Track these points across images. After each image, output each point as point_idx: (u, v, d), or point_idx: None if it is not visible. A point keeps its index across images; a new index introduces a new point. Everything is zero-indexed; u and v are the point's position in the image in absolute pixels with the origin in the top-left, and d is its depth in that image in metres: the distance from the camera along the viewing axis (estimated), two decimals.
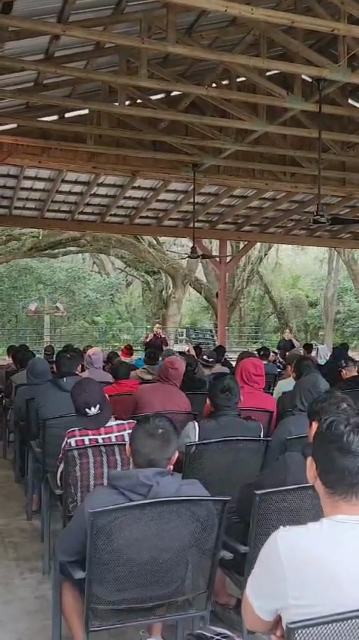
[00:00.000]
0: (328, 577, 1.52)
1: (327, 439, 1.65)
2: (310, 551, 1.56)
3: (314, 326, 36.21)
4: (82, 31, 6.13)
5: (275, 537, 1.61)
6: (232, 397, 3.71)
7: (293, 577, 1.54)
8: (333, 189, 11.90)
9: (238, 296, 30.86)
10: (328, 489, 1.65)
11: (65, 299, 32.37)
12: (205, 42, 8.42)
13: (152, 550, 2.38)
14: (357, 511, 1.62)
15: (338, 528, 1.60)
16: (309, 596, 1.52)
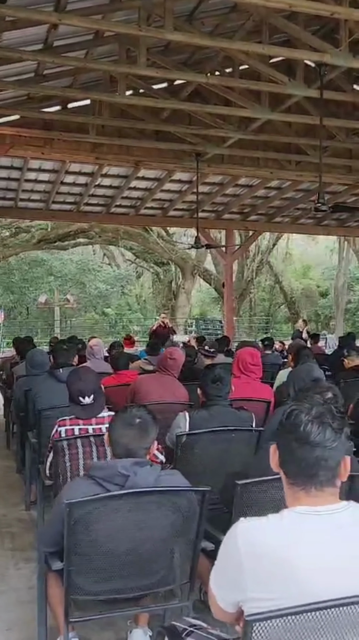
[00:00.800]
0: (287, 570, 1.49)
1: (286, 428, 1.62)
2: (269, 543, 1.53)
3: (326, 316, 36.06)
4: (77, 19, 6.08)
5: (234, 529, 1.58)
6: (223, 387, 3.68)
7: (252, 569, 1.51)
8: (339, 176, 11.78)
9: (248, 286, 30.77)
10: (289, 479, 1.62)
11: (75, 290, 32.47)
12: (206, 29, 8.34)
13: (132, 541, 2.36)
14: (317, 502, 1.59)
15: (297, 519, 1.57)
16: (268, 589, 1.49)
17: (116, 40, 7.75)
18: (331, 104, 9.96)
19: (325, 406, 1.69)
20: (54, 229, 23.52)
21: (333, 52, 6.56)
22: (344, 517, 1.59)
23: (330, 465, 1.59)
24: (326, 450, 1.58)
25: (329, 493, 1.61)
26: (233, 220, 14.46)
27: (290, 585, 1.48)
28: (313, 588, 1.47)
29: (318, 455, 1.57)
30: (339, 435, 1.62)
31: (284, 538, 1.54)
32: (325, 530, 1.56)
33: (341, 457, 1.63)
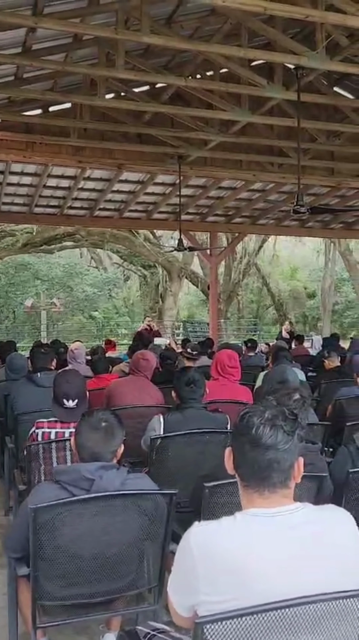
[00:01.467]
0: (239, 572, 1.49)
1: (240, 431, 1.63)
2: (221, 546, 1.53)
3: (313, 317, 36.22)
4: (54, 23, 6.08)
5: (188, 533, 1.58)
6: (197, 389, 3.68)
7: (205, 572, 1.51)
8: (321, 178, 11.84)
9: (235, 288, 30.82)
10: (243, 481, 1.63)
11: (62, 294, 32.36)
12: (186, 32, 8.37)
13: (98, 545, 2.36)
14: (270, 504, 1.59)
15: (250, 522, 1.57)
16: (220, 592, 1.49)
17: (95, 43, 7.76)
18: (312, 107, 10.03)
19: (278, 408, 1.71)
20: (40, 233, 23.45)
21: (309, 54, 6.59)
22: (297, 518, 1.60)
23: (283, 468, 1.60)
24: (279, 452, 1.59)
25: (282, 495, 1.62)
26: (217, 223, 14.49)
27: (243, 588, 1.49)
28: (265, 589, 1.48)
29: (270, 457, 1.58)
30: (292, 437, 1.63)
31: (236, 540, 1.54)
32: (277, 531, 1.57)
33: (294, 459, 1.64)
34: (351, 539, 1.66)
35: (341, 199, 13.53)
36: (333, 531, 1.64)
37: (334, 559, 1.59)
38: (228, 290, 29.96)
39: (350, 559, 1.64)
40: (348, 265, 28.34)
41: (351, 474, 2.76)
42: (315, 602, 1.45)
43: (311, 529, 1.61)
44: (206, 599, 1.51)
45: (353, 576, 1.61)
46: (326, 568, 1.56)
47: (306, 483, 2.70)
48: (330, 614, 1.48)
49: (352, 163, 11.52)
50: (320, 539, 1.60)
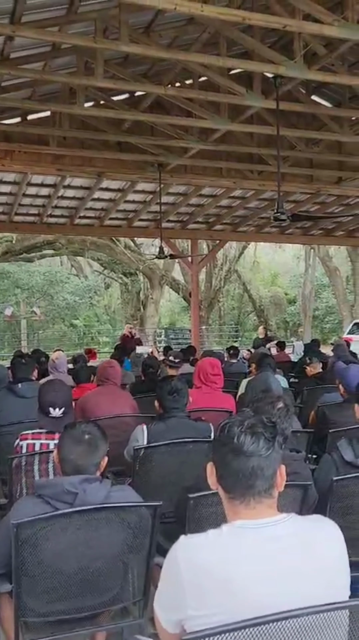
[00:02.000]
0: (226, 586, 1.48)
1: (221, 442, 1.62)
2: (208, 559, 1.52)
3: (294, 323, 36.42)
4: (32, 31, 6.06)
5: (175, 547, 1.57)
6: (180, 398, 3.66)
7: (192, 587, 1.50)
8: (301, 185, 11.93)
9: (216, 295, 30.91)
10: (227, 493, 1.62)
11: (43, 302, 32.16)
12: (164, 41, 8.39)
13: (82, 560, 2.32)
14: (256, 515, 1.58)
15: (236, 534, 1.56)
16: (208, 606, 1.48)
17: (74, 52, 7.74)
18: (291, 115, 10.10)
19: (257, 417, 1.71)
20: (20, 241, 23.31)
21: (287, 64, 6.64)
22: (284, 530, 1.60)
23: (266, 475, 1.60)
24: (261, 459, 1.59)
25: (267, 505, 1.61)
26: (198, 230, 14.52)
27: (230, 601, 1.47)
28: (253, 603, 1.46)
29: (253, 465, 1.58)
30: (272, 444, 1.63)
31: (223, 554, 1.53)
32: (264, 543, 1.56)
33: (276, 466, 1.65)
34: (336, 550, 1.66)
35: (321, 205, 13.64)
36: (319, 542, 1.63)
37: (320, 570, 1.59)
38: (209, 297, 30.03)
39: (336, 571, 1.63)
40: (327, 271, 28.58)
41: (335, 482, 2.75)
42: (302, 615, 1.44)
43: (297, 541, 1.60)
44: (194, 613, 1.49)
45: (339, 588, 1.60)
46: (312, 580, 1.55)
47: (290, 492, 2.69)
48: (317, 627, 1.47)
49: (330, 170, 11.64)
50: (307, 550, 1.59)
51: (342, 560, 1.66)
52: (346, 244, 19.55)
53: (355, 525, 2.85)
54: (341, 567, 1.65)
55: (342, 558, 1.66)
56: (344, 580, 1.64)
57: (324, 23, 5.98)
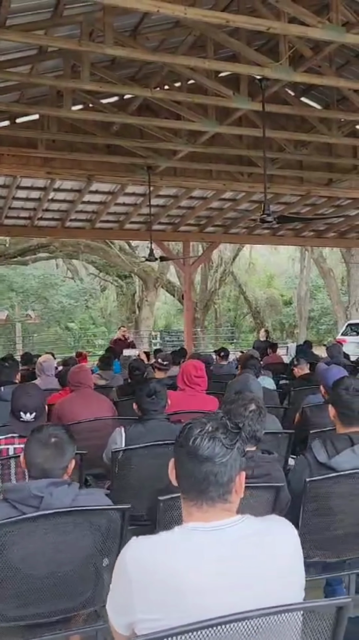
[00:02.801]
0: (174, 589, 1.46)
1: (179, 442, 1.62)
2: (157, 561, 1.51)
3: (290, 324, 36.45)
4: (17, 35, 6.05)
5: (125, 548, 1.56)
6: (159, 400, 3.67)
7: (140, 589, 1.48)
8: (291, 187, 11.95)
9: (212, 297, 30.92)
10: (183, 494, 1.61)
11: (38, 306, 32.14)
12: (152, 44, 8.40)
13: (51, 564, 2.32)
14: (208, 518, 1.57)
15: (188, 536, 1.55)
16: (156, 609, 1.46)
17: (60, 55, 7.75)
18: (281, 117, 10.13)
19: (221, 421, 1.68)
20: (13, 244, 23.28)
21: (273, 66, 6.65)
22: (236, 532, 1.58)
23: (220, 481, 1.58)
24: (215, 465, 1.57)
25: (220, 509, 1.60)
26: (190, 232, 14.52)
27: (178, 604, 1.46)
28: (201, 606, 1.45)
29: (206, 470, 1.56)
30: (230, 451, 1.60)
31: (173, 556, 1.52)
32: (214, 546, 1.54)
33: (235, 473, 1.62)
34: (290, 550, 1.64)
35: (312, 207, 13.66)
36: (271, 543, 1.62)
37: (272, 573, 1.57)
38: (205, 299, 30.04)
39: (289, 571, 1.62)
40: (322, 272, 28.62)
41: (308, 483, 2.75)
42: (250, 617, 1.43)
43: (249, 543, 1.58)
44: (142, 617, 1.48)
45: (292, 588, 1.59)
46: (263, 582, 1.54)
47: (262, 493, 2.69)
48: (268, 629, 1.46)
49: (320, 172, 11.66)
50: (258, 552, 1.58)
51: (296, 560, 1.65)
52: (338, 246, 19.58)
53: (329, 526, 2.85)
54: (295, 567, 1.64)
55: (296, 558, 1.65)
56: (297, 580, 1.63)
57: (308, 25, 6.00)
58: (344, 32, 5.96)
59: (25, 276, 32.51)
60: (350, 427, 2.89)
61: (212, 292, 30.70)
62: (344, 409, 2.88)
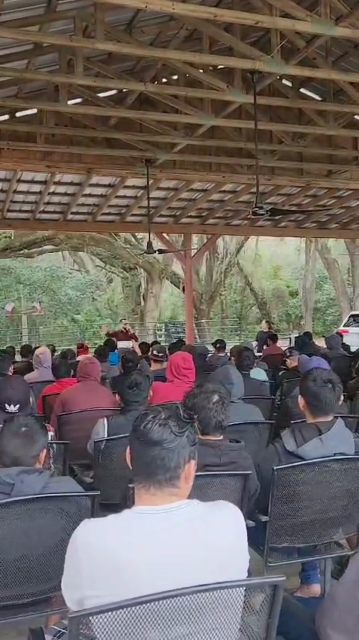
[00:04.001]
0: (118, 569, 1.56)
1: (134, 427, 1.71)
2: (104, 542, 1.60)
3: (296, 316, 36.39)
4: (8, 31, 6.12)
5: (76, 530, 1.66)
6: (140, 392, 3.76)
7: (87, 568, 1.58)
8: (291, 179, 11.97)
9: (217, 289, 30.92)
10: (135, 477, 1.71)
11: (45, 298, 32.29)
12: (148, 38, 8.45)
13: (22, 548, 2.41)
14: (156, 502, 1.66)
15: (135, 519, 1.64)
16: (101, 587, 1.56)
17: (56, 49, 7.81)
18: (280, 109, 10.15)
19: (176, 411, 1.77)
20: (18, 237, 23.41)
21: (265, 59, 6.68)
22: (181, 516, 1.67)
23: (167, 465, 1.66)
24: (163, 450, 1.66)
25: (168, 493, 1.68)
26: (191, 224, 14.58)
27: (122, 584, 1.55)
28: (143, 586, 1.54)
29: (154, 454, 1.66)
30: (179, 438, 1.69)
31: (118, 537, 1.61)
32: (158, 529, 1.63)
33: (183, 460, 1.70)
34: (232, 534, 1.73)
35: (313, 198, 13.67)
36: (214, 527, 1.71)
37: (214, 556, 1.66)
38: (210, 291, 30.06)
39: (231, 555, 1.71)
40: (326, 263, 28.58)
41: (276, 471, 2.84)
42: (186, 594, 1.52)
43: (192, 527, 1.67)
44: (89, 593, 1.57)
45: (233, 571, 1.68)
46: (204, 564, 1.63)
47: (230, 481, 2.78)
48: (206, 606, 1.55)
49: (320, 163, 11.67)
50: (200, 535, 1.66)
51: (239, 544, 1.73)
52: (340, 237, 19.57)
53: (297, 513, 2.94)
54: (237, 550, 1.72)
55: (239, 542, 1.73)
56: (239, 563, 1.71)
57: (297, 19, 6.03)
58: (333, 25, 5.99)
59: (32, 269, 32.68)
60: (318, 417, 2.97)
61: (218, 284, 30.70)
62: (312, 399, 2.96)
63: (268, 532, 2.93)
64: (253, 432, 4.04)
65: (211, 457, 2.71)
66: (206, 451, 2.73)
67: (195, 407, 2.77)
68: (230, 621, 1.62)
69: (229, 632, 1.63)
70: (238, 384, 3.99)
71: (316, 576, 3.47)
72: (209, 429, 2.77)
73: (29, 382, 6.79)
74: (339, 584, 1.86)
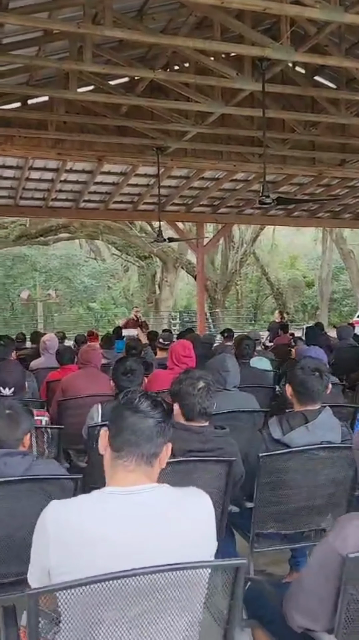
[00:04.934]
0: (86, 546, 1.60)
1: (123, 404, 1.78)
2: (73, 522, 1.64)
3: (312, 306, 36.23)
4: (15, 18, 6.14)
5: (46, 509, 1.70)
6: (134, 378, 3.79)
7: (55, 545, 1.62)
8: (304, 168, 11.88)
9: (233, 278, 30.82)
10: (114, 452, 1.74)
11: (61, 285, 32.49)
12: (158, 25, 8.41)
13: (6, 528, 2.47)
14: (130, 480, 1.71)
15: (104, 499, 1.69)
16: (68, 562, 1.60)
17: (66, 36, 7.80)
18: (293, 98, 10.04)
19: (159, 400, 1.83)
20: (34, 225, 23.51)
21: (274, 46, 6.63)
22: (149, 497, 1.71)
23: (154, 440, 1.74)
24: (151, 425, 1.74)
25: (143, 472, 1.74)
26: (203, 213, 14.54)
27: (89, 561, 1.59)
28: (108, 563, 1.58)
29: (149, 425, 1.73)
30: (166, 417, 1.80)
31: (87, 516, 1.65)
32: (127, 509, 1.68)
33: (163, 440, 1.78)
34: (202, 518, 1.77)
35: (326, 188, 13.56)
36: (184, 511, 1.75)
37: (182, 535, 1.70)
38: (225, 280, 29.98)
39: (199, 537, 1.74)
40: (342, 254, 28.36)
41: (262, 458, 2.86)
42: (149, 573, 1.55)
43: (162, 507, 1.72)
44: (57, 570, 1.62)
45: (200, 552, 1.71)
46: (170, 546, 1.67)
47: (214, 467, 2.81)
48: (166, 586, 1.58)
49: (333, 152, 11.56)
50: (168, 517, 1.71)
51: (207, 527, 1.77)
52: (354, 227, 19.38)
53: (283, 500, 2.97)
54: (206, 532, 1.76)
55: (206, 527, 1.77)
56: (206, 547, 1.75)
57: (306, 5, 5.96)
58: (343, 11, 5.92)
59: (48, 256, 32.86)
60: (305, 405, 2.98)
61: (233, 273, 30.60)
62: (299, 387, 2.98)
63: (253, 518, 2.97)
64: (248, 420, 4.06)
65: (195, 443, 2.74)
66: (190, 437, 2.77)
67: (180, 393, 2.79)
68: (192, 600, 1.65)
69: (191, 611, 1.66)
70: (234, 372, 4.02)
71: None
72: (194, 415, 2.80)
73: (34, 368, 6.94)
74: (305, 569, 1.89)
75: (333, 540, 1.78)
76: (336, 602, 1.74)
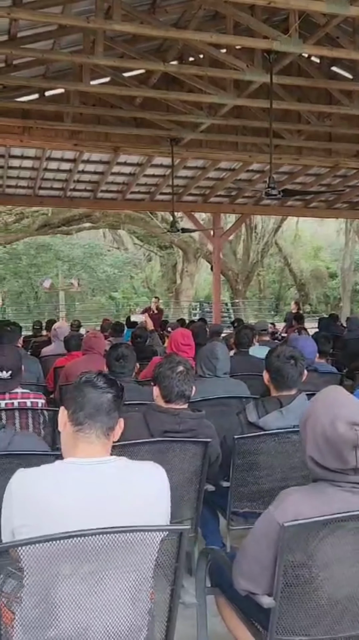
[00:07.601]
0: (45, 512, 1.78)
1: (84, 380, 1.99)
2: (35, 489, 1.83)
3: (334, 297, 35.99)
4: (26, 13, 6.30)
5: (13, 476, 1.88)
6: (126, 364, 3.97)
7: (18, 510, 1.81)
8: (319, 159, 11.89)
9: (254, 268, 30.78)
10: (75, 426, 1.92)
11: (84, 275, 32.81)
12: (171, 17, 8.52)
13: None
14: (89, 453, 1.88)
15: (64, 469, 1.87)
16: (29, 525, 1.78)
17: (79, 30, 7.94)
18: (307, 89, 10.05)
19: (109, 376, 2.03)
20: (56, 214, 23.78)
21: (282, 39, 6.69)
22: (106, 468, 1.89)
23: (111, 414, 1.94)
24: (112, 397, 1.95)
25: (102, 444, 1.92)
26: (221, 204, 14.62)
27: (49, 526, 1.76)
28: (67, 525, 1.74)
29: (103, 400, 1.94)
30: (120, 393, 2.00)
31: (47, 484, 1.84)
32: (86, 478, 1.86)
33: (118, 414, 1.98)
34: (154, 490, 1.94)
35: (343, 179, 13.53)
36: (138, 482, 1.92)
37: (136, 504, 1.87)
38: (247, 271, 29.97)
39: (152, 506, 1.92)
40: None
41: (236, 440, 3.01)
42: (95, 534, 1.72)
43: (118, 477, 1.89)
44: (20, 530, 1.80)
45: (152, 520, 1.88)
46: (126, 512, 1.84)
47: (190, 447, 2.97)
48: (116, 546, 1.75)
49: (349, 143, 11.54)
50: (124, 487, 1.88)
51: (160, 497, 1.95)
52: None
53: (258, 481, 3.11)
54: (158, 502, 1.94)
55: (161, 495, 1.95)
56: (160, 513, 1.93)
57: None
58: (348, 4, 5.95)
59: (71, 245, 33.19)
60: (281, 391, 3.12)
61: (255, 264, 30.55)
62: (275, 374, 3.11)
63: (229, 497, 3.12)
64: (238, 406, 4.19)
65: (170, 424, 2.90)
66: (166, 418, 2.93)
67: (160, 376, 2.95)
68: (140, 561, 1.82)
69: (139, 572, 1.83)
70: (223, 360, 4.16)
71: None
72: (171, 397, 2.95)
73: (45, 355, 7.16)
74: (248, 537, 2.04)
75: (273, 511, 1.93)
76: (275, 568, 1.89)
